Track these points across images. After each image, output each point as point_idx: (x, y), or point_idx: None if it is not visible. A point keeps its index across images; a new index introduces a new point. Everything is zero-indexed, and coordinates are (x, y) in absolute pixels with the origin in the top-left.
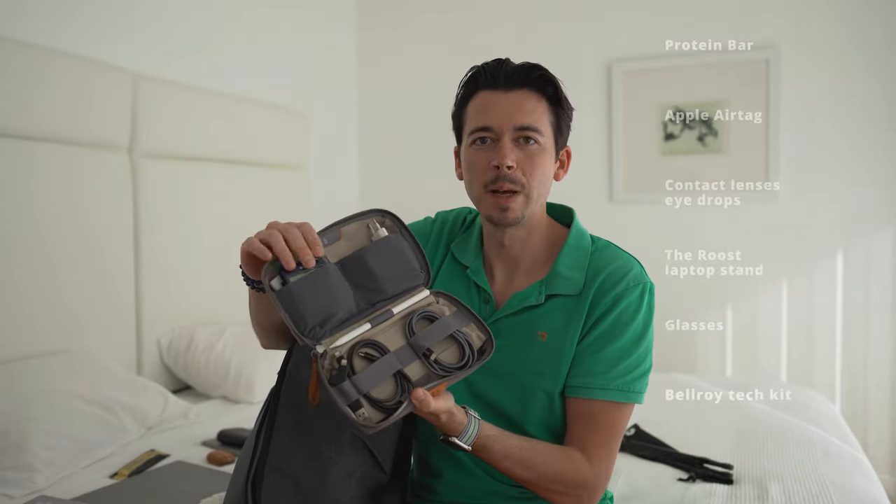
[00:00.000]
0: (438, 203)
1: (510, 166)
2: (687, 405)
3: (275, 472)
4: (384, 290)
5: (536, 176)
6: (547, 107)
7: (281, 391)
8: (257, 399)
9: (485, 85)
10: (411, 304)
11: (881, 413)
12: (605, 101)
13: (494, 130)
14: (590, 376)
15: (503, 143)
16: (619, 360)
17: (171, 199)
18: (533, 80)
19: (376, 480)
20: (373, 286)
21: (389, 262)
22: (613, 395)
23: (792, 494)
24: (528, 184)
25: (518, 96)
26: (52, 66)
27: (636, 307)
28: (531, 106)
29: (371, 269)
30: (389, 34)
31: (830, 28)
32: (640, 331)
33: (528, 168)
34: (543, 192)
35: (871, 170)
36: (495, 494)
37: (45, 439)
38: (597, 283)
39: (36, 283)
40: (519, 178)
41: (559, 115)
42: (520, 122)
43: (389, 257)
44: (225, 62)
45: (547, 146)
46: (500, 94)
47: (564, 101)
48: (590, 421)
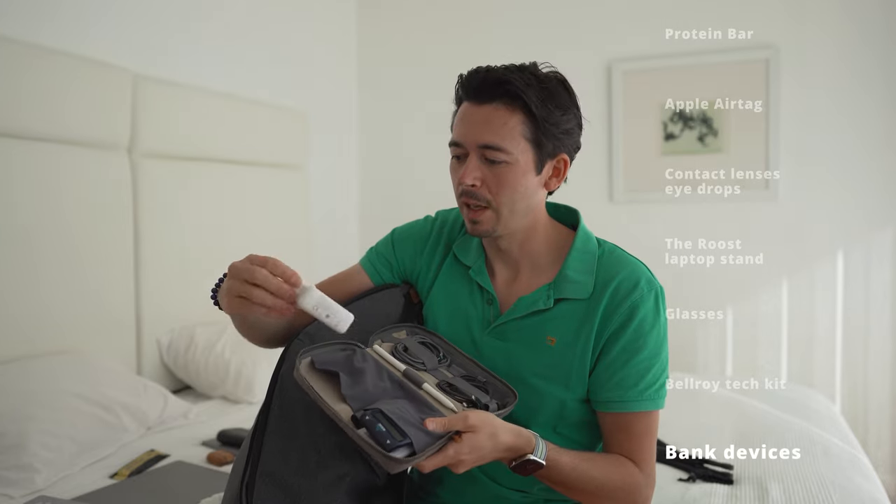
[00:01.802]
0: (438, 203)
1: (473, 185)
2: (687, 405)
3: (266, 477)
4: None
5: (505, 193)
6: (522, 119)
7: (273, 395)
8: (257, 399)
9: (465, 95)
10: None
11: (881, 413)
12: (605, 101)
13: (463, 147)
14: (621, 389)
15: (469, 160)
16: (647, 371)
17: (171, 199)
18: (503, 93)
19: (368, 484)
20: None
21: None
22: (647, 406)
23: (792, 494)
24: (496, 200)
25: (487, 112)
26: (52, 66)
27: (654, 315)
28: (499, 122)
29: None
30: (389, 34)
31: (830, 28)
32: (660, 338)
33: (493, 186)
34: (520, 207)
35: (872, 170)
36: (497, 498)
37: (45, 439)
38: (609, 291)
39: (36, 283)
40: (484, 196)
41: (538, 126)
42: (483, 141)
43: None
44: (225, 62)
45: (520, 161)
46: (473, 108)
47: (545, 112)
48: (628, 431)
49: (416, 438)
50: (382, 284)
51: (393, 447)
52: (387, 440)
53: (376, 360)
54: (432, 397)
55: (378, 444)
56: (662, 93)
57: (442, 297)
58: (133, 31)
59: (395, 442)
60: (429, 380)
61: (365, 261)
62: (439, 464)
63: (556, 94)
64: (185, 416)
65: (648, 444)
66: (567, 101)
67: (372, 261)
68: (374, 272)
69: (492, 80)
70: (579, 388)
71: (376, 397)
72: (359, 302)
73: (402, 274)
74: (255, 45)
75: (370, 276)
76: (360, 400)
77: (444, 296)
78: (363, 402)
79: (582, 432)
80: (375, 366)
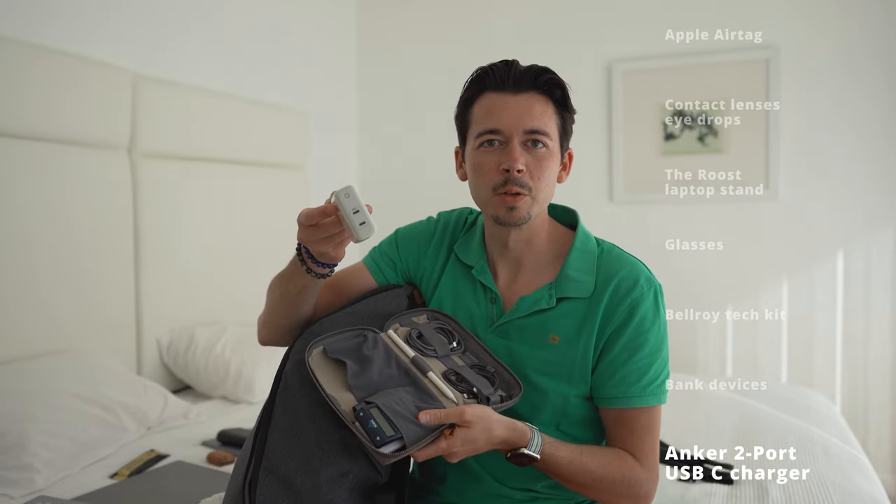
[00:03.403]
0: (438, 203)
1: (520, 170)
2: (687, 405)
3: (269, 474)
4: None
5: (544, 179)
6: (555, 110)
7: (277, 392)
8: (257, 399)
9: (492, 86)
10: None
11: (881, 413)
12: (605, 101)
13: (503, 133)
14: (624, 386)
15: (512, 146)
16: (648, 367)
17: (171, 199)
18: (542, 83)
19: (371, 481)
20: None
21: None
22: (649, 401)
23: (792, 494)
24: (536, 187)
25: (527, 99)
26: (52, 66)
27: (654, 312)
28: (540, 109)
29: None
30: (389, 34)
31: (831, 28)
32: (661, 335)
33: (536, 171)
34: (549, 195)
35: (872, 170)
36: (499, 497)
37: (44, 439)
38: (609, 290)
39: (36, 283)
40: (527, 182)
41: (565, 118)
42: (529, 126)
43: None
44: (225, 62)
45: (554, 150)
46: (508, 97)
47: (570, 105)
48: (630, 426)
49: (408, 432)
50: (386, 285)
51: (382, 443)
52: (377, 437)
53: (387, 346)
54: (435, 386)
55: (369, 439)
56: (662, 93)
57: (447, 296)
58: (133, 31)
59: (384, 438)
60: (436, 368)
61: (368, 260)
62: (432, 454)
63: (569, 94)
64: (185, 416)
65: (651, 439)
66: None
67: (376, 260)
68: (377, 271)
69: (531, 71)
70: (582, 384)
71: (380, 385)
72: (362, 302)
73: (406, 274)
74: (255, 45)
75: (373, 274)
76: (363, 389)
77: (449, 295)
78: (367, 390)
79: (585, 430)
80: (385, 352)
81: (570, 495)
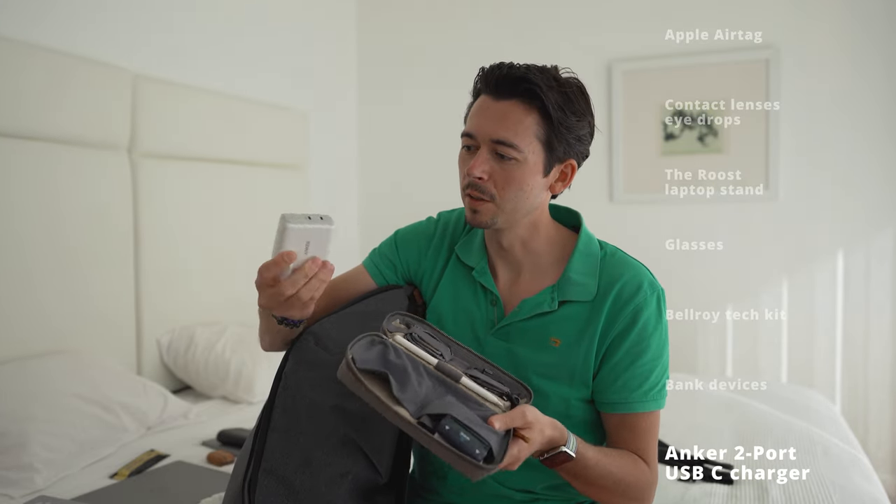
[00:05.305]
0: (438, 203)
1: (480, 177)
2: (687, 405)
3: (268, 475)
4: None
5: (510, 190)
6: (537, 120)
7: (277, 393)
8: (257, 399)
9: (484, 89)
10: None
11: (881, 413)
12: (605, 101)
13: (476, 139)
14: (626, 391)
15: (480, 153)
16: (650, 373)
17: (171, 199)
18: (522, 91)
19: (370, 481)
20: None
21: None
22: (650, 406)
23: (792, 494)
24: (501, 196)
25: (504, 108)
26: (51, 66)
27: (656, 318)
28: (515, 119)
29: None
30: (389, 34)
31: (831, 27)
32: (662, 340)
33: (500, 181)
34: (523, 206)
35: (872, 170)
36: (499, 498)
37: (45, 439)
38: (612, 294)
39: (35, 283)
40: (489, 190)
41: (552, 128)
42: (496, 136)
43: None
44: (225, 62)
45: (529, 161)
46: (490, 102)
47: (561, 116)
48: (632, 430)
49: (493, 442)
50: (386, 285)
51: (482, 457)
52: (475, 450)
53: (408, 353)
54: (473, 392)
55: (466, 454)
56: (662, 93)
57: (447, 297)
58: (133, 31)
59: (482, 451)
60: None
61: (368, 262)
62: (506, 466)
63: (574, 99)
64: (185, 416)
65: (651, 442)
66: (583, 107)
67: (375, 262)
68: (377, 273)
69: (513, 77)
70: (583, 388)
71: (427, 397)
72: (363, 302)
73: (406, 275)
74: (255, 46)
75: (373, 277)
76: (413, 402)
77: (449, 296)
78: (416, 403)
79: (587, 433)
80: (410, 360)
81: (569, 496)
